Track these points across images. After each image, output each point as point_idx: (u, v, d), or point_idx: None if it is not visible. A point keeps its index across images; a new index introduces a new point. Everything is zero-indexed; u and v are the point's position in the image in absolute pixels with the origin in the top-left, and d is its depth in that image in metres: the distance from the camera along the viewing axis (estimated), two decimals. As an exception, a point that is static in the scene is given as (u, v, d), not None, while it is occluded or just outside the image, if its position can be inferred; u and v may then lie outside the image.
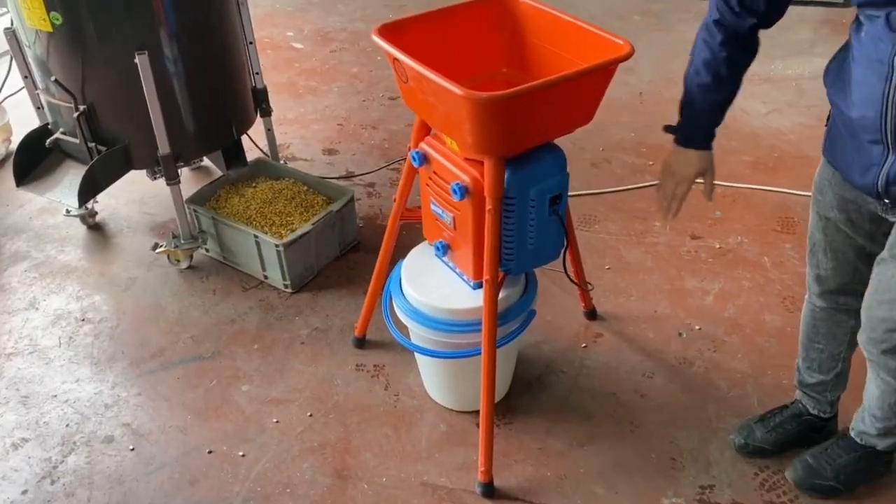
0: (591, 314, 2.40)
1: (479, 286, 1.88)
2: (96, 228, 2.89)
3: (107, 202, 2.98)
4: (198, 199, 2.67)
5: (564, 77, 1.53)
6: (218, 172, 2.93)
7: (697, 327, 2.37)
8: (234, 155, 2.70)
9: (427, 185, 1.88)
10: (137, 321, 2.47)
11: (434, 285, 1.92)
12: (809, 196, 2.89)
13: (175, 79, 2.37)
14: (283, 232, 2.54)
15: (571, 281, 2.13)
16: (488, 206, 1.68)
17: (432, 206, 1.89)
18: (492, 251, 1.72)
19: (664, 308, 2.44)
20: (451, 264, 1.95)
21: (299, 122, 3.54)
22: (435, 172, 1.83)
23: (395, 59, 1.66)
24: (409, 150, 1.90)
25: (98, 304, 2.55)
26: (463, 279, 1.93)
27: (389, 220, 2.07)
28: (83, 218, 2.87)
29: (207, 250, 2.69)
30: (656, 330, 2.37)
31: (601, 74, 1.61)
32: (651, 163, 3.13)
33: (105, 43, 2.24)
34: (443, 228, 1.89)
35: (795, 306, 2.43)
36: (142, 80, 2.25)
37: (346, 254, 2.72)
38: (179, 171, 2.49)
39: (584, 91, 1.64)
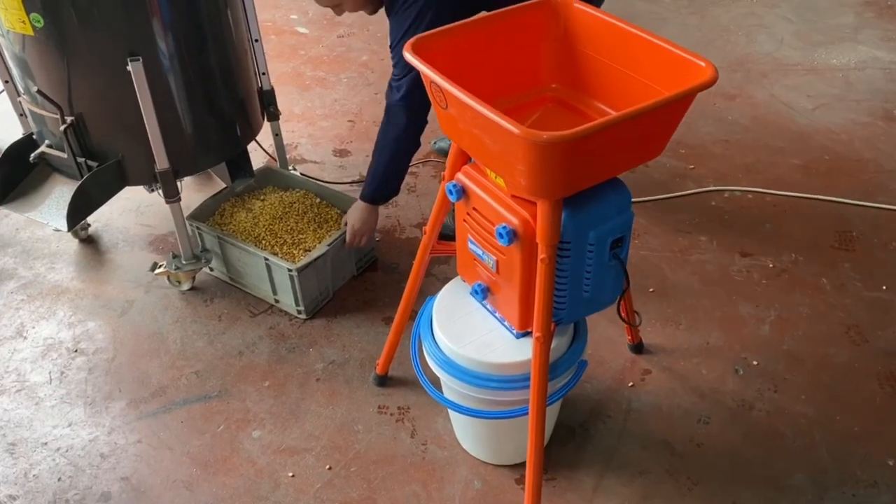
0: (638, 347, 2.18)
1: (524, 335, 1.66)
2: (89, 242, 2.65)
3: (100, 212, 2.70)
4: (200, 215, 2.42)
5: (640, 111, 1.28)
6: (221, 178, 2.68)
7: (755, 362, 2.14)
8: (240, 165, 2.45)
9: (465, 220, 1.64)
10: (136, 353, 2.24)
11: (471, 332, 1.69)
12: (868, 206, 2.68)
13: (173, 86, 2.11)
14: (295, 253, 2.31)
15: (622, 319, 1.90)
16: (541, 255, 1.44)
17: (471, 246, 1.65)
18: (544, 305, 1.48)
19: (717, 339, 2.22)
20: (490, 308, 1.72)
21: (307, 119, 3.28)
22: (475, 209, 1.58)
23: (433, 83, 1.41)
24: (444, 180, 1.66)
25: (92, 331, 2.32)
26: (504, 325, 1.70)
27: (418, 254, 1.83)
28: (75, 231, 2.62)
29: (212, 269, 2.45)
30: (710, 365, 2.14)
31: (679, 104, 1.36)
32: (692, 166, 2.87)
33: (93, 48, 1.98)
34: (483, 270, 1.65)
35: (861, 338, 2.20)
36: (136, 88, 1.99)
37: (363, 272, 2.48)
38: (179, 183, 2.25)
39: (658, 123, 1.39)
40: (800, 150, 2.96)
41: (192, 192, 2.82)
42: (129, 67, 1.96)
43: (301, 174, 2.74)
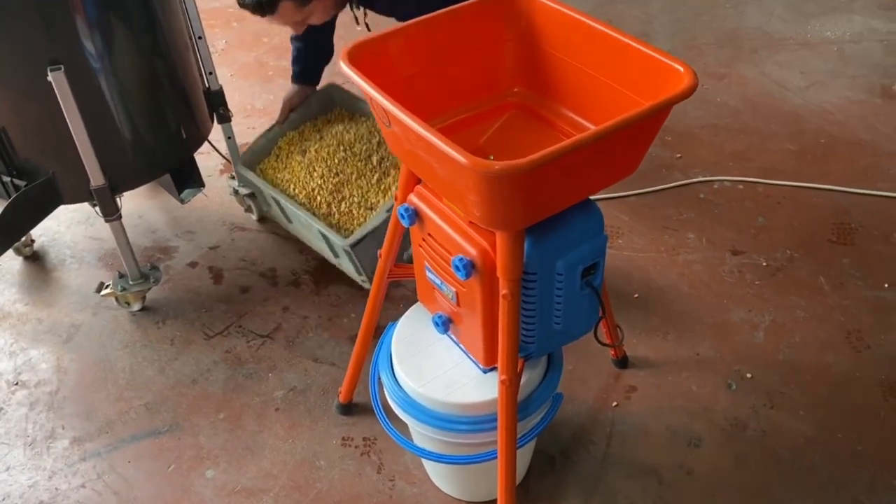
0: (622, 362, 2.01)
1: (492, 369, 1.49)
2: (34, 259, 2.47)
3: (46, 225, 2.55)
4: (253, 159, 2.32)
5: (607, 130, 1.10)
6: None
7: (748, 375, 1.98)
8: (186, 175, 2.25)
9: (420, 246, 1.46)
10: (81, 384, 2.08)
11: (433, 367, 1.52)
12: (866, 194, 2.51)
13: (105, 93, 1.91)
14: (356, 213, 2.10)
15: (601, 343, 1.73)
16: (503, 291, 1.27)
17: (428, 274, 1.47)
18: (509, 346, 1.31)
19: (707, 349, 2.05)
20: (454, 338, 1.55)
21: (269, 113, 3.07)
22: (430, 235, 1.41)
23: (372, 99, 1.22)
24: (395, 201, 1.48)
25: (35, 361, 2.15)
26: (470, 357, 1.53)
27: (374, 280, 1.66)
28: (18, 248, 2.44)
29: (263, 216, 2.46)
30: (700, 380, 1.98)
31: (655, 117, 1.18)
32: (679, 155, 2.69)
33: (10, 56, 1.79)
34: (443, 300, 1.48)
35: (863, 343, 2.04)
36: (59, 100, 1.80)
37: (327, 286, 2.31)
38: (119, 199, 2.06)
39: (630, 139, 1.21)
40: (793, 134, 2.77)
41: (146, 199, 2.64)
42: (50, 77, 1.77)
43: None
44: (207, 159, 2.72)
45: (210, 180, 2.71)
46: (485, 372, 1.50)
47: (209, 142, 2.34)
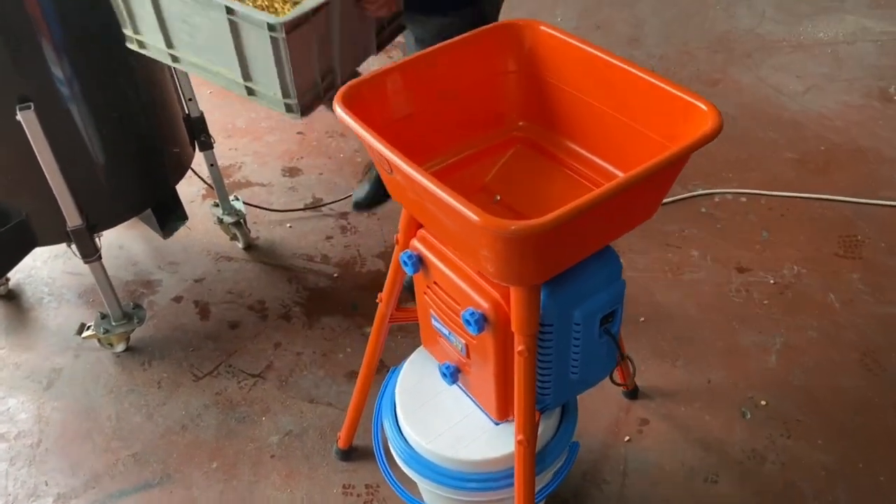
0: (632, 393, 1.94)
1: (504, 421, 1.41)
2: (9, 298, 2.34)
3: (23, 261, 2.42)
4: None
5: (639, 176, 1.01)
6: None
7: (763, 402, 1.91)
8: (168, 208, 2.14)
9: (425, 294, 1.37)
10: (65, 435, 1.96)
11: (441, 420, 1.43)
12: (871, 204, 2.45)
13: (80, 129, 1.81)
14: (278, 6, 1.47)
15: (616, 384, 1.65)
16: (519, 347, 1.18)
17: (434, 323, 1.38)
18: (526, 404, 1.23)
19: (719, 376, 1.98)
20: (463, 388, 1.46)
21: (251, 133, 2.96)
22: (436, 283, 1.31)
23: (372, 147, 1.13)
24: (396, 246, 1.38)
25: (14, 410, 2.03)
26: (479, 407, 1.44)
27: (374, 325, 1.56)
28: (-8, 287, 2.32)
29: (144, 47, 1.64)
30: (714, 409, 1.91)
31: (678, 162, 1.09)
32: (677, 168, 2.61)
33: (-25, 94, 1.67)
34: (451, 349, 1.39)
35: (877, 365, 1.98)
36: (30, 139, 1.69)
37: (320, 318, 2.21)
38: (99, 238, 1.95)
39: (655, 184, 1.13)
40: (793, 142, 2.71)
41: (125, 228, 2.52)
42: (19, 116, 1.65)
43: (245, 203, 2.45)
44: (188, 183, 2.60)
45: (192, 206, 2.60)
46: (496, 424, 1.42)
47: (191, 169, 2.24)
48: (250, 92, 1.51)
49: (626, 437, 1.86)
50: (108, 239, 2.41)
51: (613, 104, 1.26)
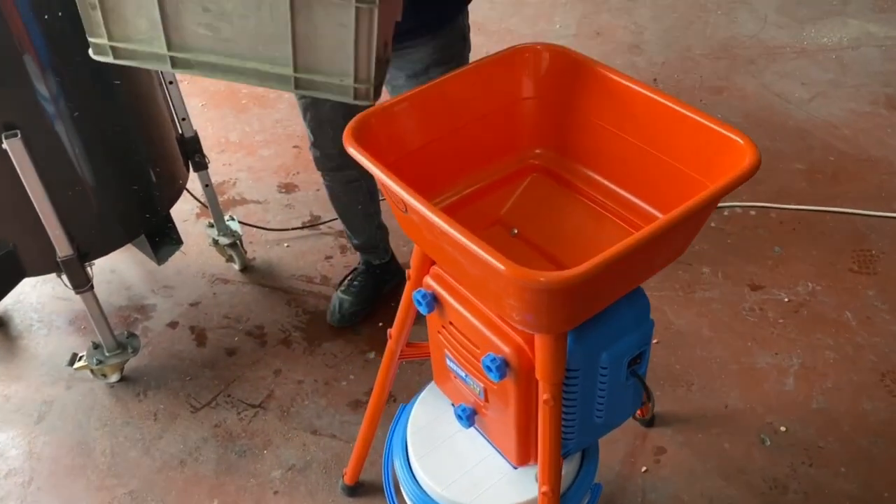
0: (649, 421, 1.87)
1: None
2: (-3, 325, 2.26)
3: (9, 285, 2.34)
4: None
5: (672, 222, 0.94)
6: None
7: (782, 428, 1.85)
8: (164, 233, 2.06)
9: (439, 333, 1.30)
10: (57, 472, 1.88)
11: (456, 464, 1.36)
12: (885, 217, 2.39)
13: (69, 155, 1.72)
14: None
15: (637, 420, 1.58)
16: (545, 395, 1.11)
17: (450, 364, 1.31)
18: (551, 454, 1.16)
19: (736, 400, 1.92)
20: (479, 430, 1.39)
21: (245, 147, 2.88)
22: (452, 324, 1.24)
23: (386, 187, 1.05)
24: (408, 282, 1.31)
25: (3, 446, 1.95)
26: (496, 449, 1.37)
27: (383, 362, 1.49)
28: (-22, 315, 2.23)
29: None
30: (732, 436, 1.84)
31: (718, 199, 1.03)
32: (684, 180, 2.55)
33: (-43, 121, 1.59)
34: (467, 391, 1.32)
35: (899, 386, 1.92)
36: (16, 167, 1.61)
37: (321, 343, 2.13)
38: (90, 268, 1.87)
39: (690, 226, 1.06)
40: (801, 152, 2.65)
41: (118, 251, 2.43)
42: (5, 144, 1.57)
43: (240, 222, 2.37)
44: (183, 202, 2.49)
45: (186, 225, 2.52)
46: (514, 468, 1.35)
47: (186, 189, 2.16)
48: (300, 84, 1.20)
49: (643, 468, 1.80)
50: (101, 263, 2.30)
51: (637, 133, 1.19)
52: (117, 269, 2.40)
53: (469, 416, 1.34)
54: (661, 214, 1.18)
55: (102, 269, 2.36)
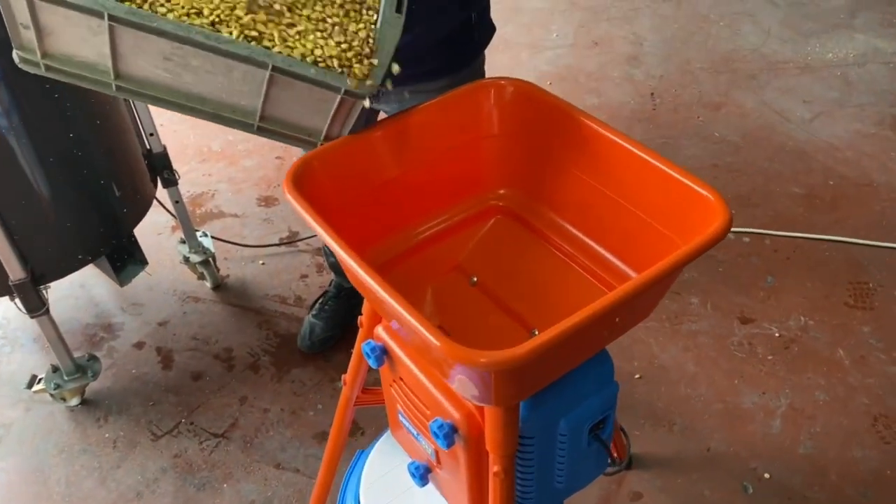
0: (626, 464, 1.78)
1: (480, 525, 1.25)
2: (-41, 342, 2.19)
3: (-26, 299, 2.27)
4: None
5: (626, 295, 0.86)
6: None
7: (766, 475, 1.76)
8: (127, 252, 1.98)
9: (391, 387, 1.21)
10: (11, 501, 1.81)
11: (411, 519, 1.29)
12: (885, 247, 2.29)
13: (23, 171, 1.64)
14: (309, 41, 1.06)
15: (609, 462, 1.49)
16: (495, 468, 1.02)
17: (401, 419, 1.23)
18: (502, 528, 1.07)
19: (719, 443, 1.83)
20: (436, 486, 1.31)
21: (227, 157, 2.80)
22: (402, 379, 1.16)
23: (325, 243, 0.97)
24: (360, 330, 1.23)
25: (-44, 472, 1.88)
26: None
27: (338, 409, 1.41)
28: (-61, 330, 2.16)
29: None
30: (713, 482, 1.76)
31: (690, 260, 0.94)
32: (676, 202, 2.46)
33: None
34: (420, 448, 1.24)
35: (891, 433, 1.83)
36: (-36, 189, 1.53)
37: (290, 370, 2.05)
38: (46, 291, 1.79)
39: (659, 289, 0.97)
40: (800, 175, 2.55)
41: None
42: (-51, 166, 1.49)
43: (212, 237, 2.29)
44: (157, 214, 2.44)
45: (160, 239, 2.44)
46: (472, 527, 1.26)
47: (157, 199, 2.08)
48: (263, 131, 1.15)
49: (619, 515, 1.71)
50: (70, 278, 2.22)
51: (605, 181, 1.10)
52: (87, 284, 2.32)
53: (423, 475, 1.25)
54: (630, 270, 1.11)
55: (71, 283, 2.29)
